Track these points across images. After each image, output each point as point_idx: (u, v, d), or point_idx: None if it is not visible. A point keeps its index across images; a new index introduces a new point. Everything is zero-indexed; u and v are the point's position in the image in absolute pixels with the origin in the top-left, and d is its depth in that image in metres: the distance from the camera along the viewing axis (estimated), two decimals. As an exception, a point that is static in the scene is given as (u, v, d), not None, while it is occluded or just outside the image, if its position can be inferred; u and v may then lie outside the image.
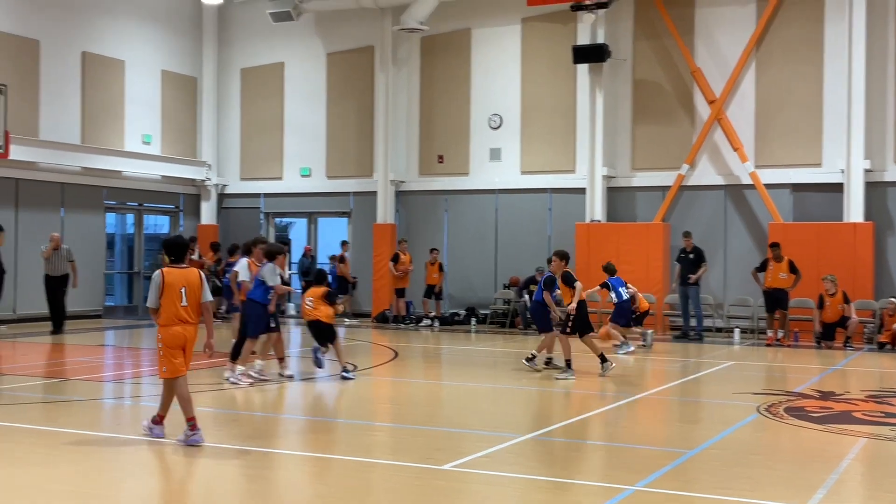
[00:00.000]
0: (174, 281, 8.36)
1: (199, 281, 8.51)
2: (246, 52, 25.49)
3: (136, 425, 9.01)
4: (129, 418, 10.12)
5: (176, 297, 8.33)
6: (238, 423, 9.88)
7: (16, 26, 20.61)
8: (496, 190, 22.52)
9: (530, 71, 22.20)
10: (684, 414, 11.15)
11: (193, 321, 8.43)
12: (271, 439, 9.06)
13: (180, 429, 8.36)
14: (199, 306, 8.48)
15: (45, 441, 8.65)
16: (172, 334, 8.34)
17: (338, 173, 24.41)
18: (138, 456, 8.18)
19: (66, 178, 21.77)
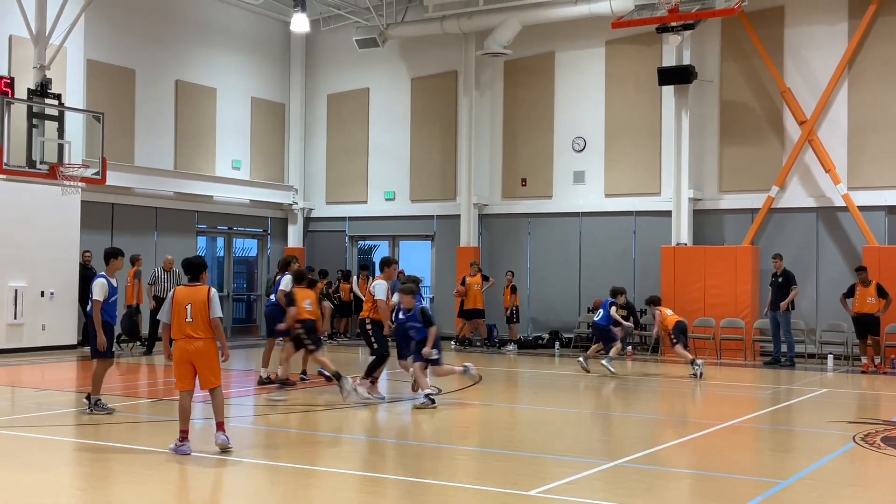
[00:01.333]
0: (182, 298, 8.84)
1: (207, 298, 8.84)
2: (332, 78, 25.95)
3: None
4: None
5: (182, 313, 8.77)
6: (322, 444, 9.97)
7: (113, 56, 21.37)
8: (580, 213, 22.39)
9: (614, 93, 22.08)
10: (776, 443, 10.86)
11: (200, 336, 8.79)
12: (355, 462, 9.12)
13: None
14: (207, 322, 8.80)
15: (140, 459, 8.87)
16: (177, 349, 8.84)
17: (421, 197, 24.60)
18: (232, 473, 8.31)
19: (160, 203, 22.42)
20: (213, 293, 8.93)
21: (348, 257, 25.81)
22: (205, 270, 9.24)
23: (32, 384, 14.38)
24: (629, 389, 15.34)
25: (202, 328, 8.80)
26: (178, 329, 8.82)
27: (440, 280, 24.27)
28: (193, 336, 8.78)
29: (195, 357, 8.81)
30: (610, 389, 15.30)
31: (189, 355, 8.81)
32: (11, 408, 12.25)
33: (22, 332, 18.45)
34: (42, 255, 18.52)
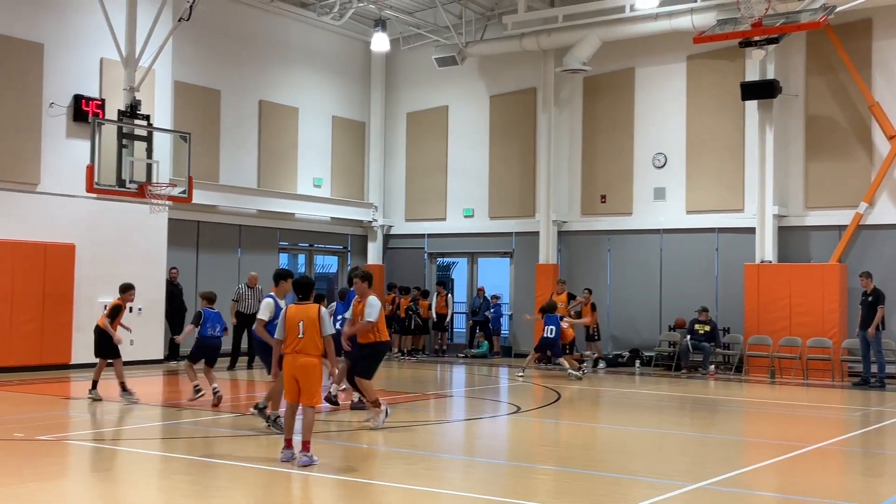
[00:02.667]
0: (293, 315, 9.23)
1: (318, 316, 9.17)
2: (412, 96, 26.19)
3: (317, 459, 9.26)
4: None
5: (294, 330, 9.13)
6: (405, 460, 10.00)
7: (199, 78, 21.93)
8: (661, 230, 22.13)
9: (696, 108, 21.80)
10: (867, 466, 10.52)
11: (309, 353, 9.11)
12: (431, 479, 9.12)
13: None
14: (318, 340, 9.14)
15: (230, 473, 9.02)
16: (285, 363, 9.20)
17: (500, 214, 24.61)
18: (311, 485, 8.40)
19: (243, 221, 22.87)
20: (323, 311, 9.28)
21: (427, 274, 25.93)
22: (314, 289, 9.66)
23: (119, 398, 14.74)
24: (712, 409, 15.05)
25: (312, 345, 9.13)
26: (290, 345, 9.17)
27: (519, 297, 24.20)
28: (302, 352, 9.10)
29: (300, 372, 9.10)
30: (693, 409, 15.03)
31: (295, 370, 9.11)
32: (103, 421, 12.58)
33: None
34: (131, 271, 18.96)
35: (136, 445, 10.67)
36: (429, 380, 19.12)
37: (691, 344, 20.03)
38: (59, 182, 18.31)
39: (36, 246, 17.95)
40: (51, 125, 18.33)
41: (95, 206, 18.75)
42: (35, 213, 18.06)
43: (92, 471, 9.24)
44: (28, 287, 17.80)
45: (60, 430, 11.50)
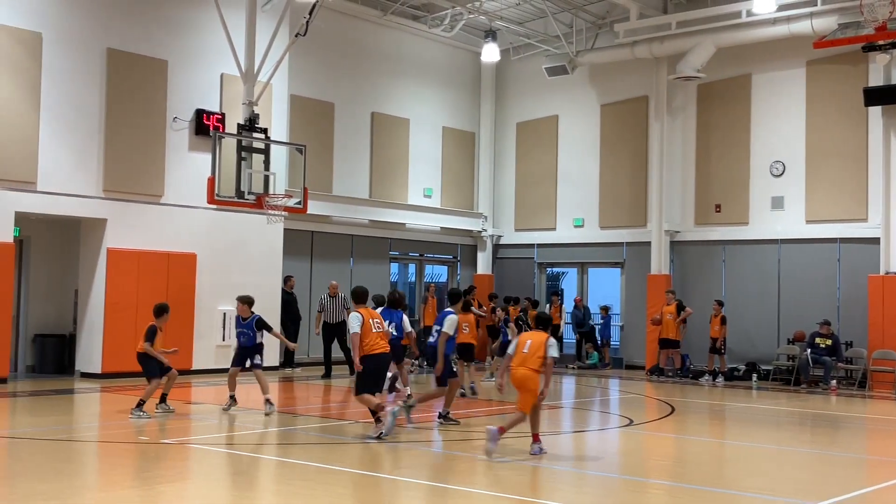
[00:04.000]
0: (524, 337, 10.53)
1: (545, 343, 10.31)
2: (521, 106, 26.19)
3: (410, 467, 9.32)
4: (409, 460, 10.51)
5: (522, 346, 10.39)
6: (515, 471, 9.97)
7: (314, 91, 22.43)
8: (778, 240, 21.50)
9: (816, 115, 21.14)
10: None
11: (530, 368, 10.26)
12: (542, 490, 9.07)
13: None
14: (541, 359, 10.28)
15: (330, 479, 9.18)
16: (512, 376, 10.47)
17: (610, 224, 24.34)
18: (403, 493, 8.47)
19: (356, 231, 23.26)
20: (551, 341, 10.40)
21: (536, 284, 25.84)
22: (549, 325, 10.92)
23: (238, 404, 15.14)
24: (834, 426, 14.54)
25: (534, 362, 10.26)
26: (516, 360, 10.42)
27: (630, 308, 23.89)
28: (523, 366, 10.31)
29: (521, 383, 10.33)
30: (813, 425, 14.56)
31: (518, 381, 10.37)
32: (219, 426, 12.95)
33: (229, 353, 19.45)
34: (248, 280, 19.50)
35: (254, 450, 10.96)
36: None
37: (812, 358, 19.39)
38: (181, 194, 18.99)
39: (160, 255, 18.65)
40: (174, 139, 19.04)
41: (215, 217, 19.37)
42: (159, 223, 18.76)
43: (214, 474, 9.53)
44: (152, 294, 18.42)
45: (182, 434, 11.90)
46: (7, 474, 9.25)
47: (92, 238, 18.32)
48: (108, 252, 18.02)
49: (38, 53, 17.12)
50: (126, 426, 12.32)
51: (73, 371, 18.41)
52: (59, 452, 10.39)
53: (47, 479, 8.75)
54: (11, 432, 11.73)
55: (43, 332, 19.03)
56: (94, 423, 13.32)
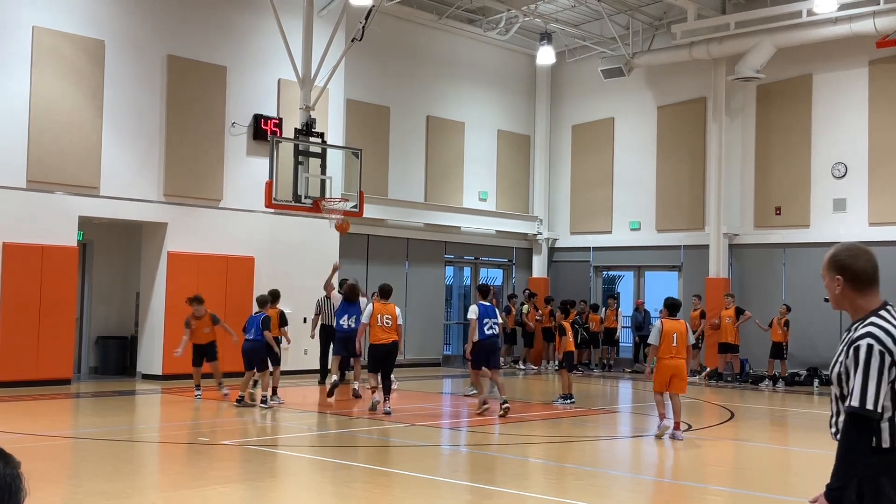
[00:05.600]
0: (669, 329, 12.19)
1: (686, 329, 12.38)
2: (577, 108, 26.05)
3: (459, 471, 9.30)
4: (463, 464, 10.50)
5: (669, 339, 12.16)
6: (573, 475, 9.92)
7: (370, 95, 22.57)
8: (841, 243, 21.05)
9: (879, 116, 20.69)
10: None
11: (680, 357, 12.23)
12: (598, 496, 9.00)
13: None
14: (684, 348, 12.27)
15: (384, 481, 9.21)
16: (664, 366, 12.15)
17: (667, 226, 24.09)
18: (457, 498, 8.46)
19: (411, 234, 23.33)
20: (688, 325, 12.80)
21: (592, 287, 25.67)
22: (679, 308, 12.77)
23: (295, 406, 15.28)
24: None
25: (682, 352, 12.25)
26: (666, 351, 12.18)
27: (688, 312, 23.52)
28: (676, 357, 12.17)
29: (674, 371, 12.16)
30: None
31: (670, 370, 12.16)
32: (278, 427, 13.08)
33: (286, 355, 19.65)
34: (305, 284, 19.71)
35: (311, 452, 11.04)
36: (595, 394, 18.90)
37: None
38: (239, 198, 19.23)
39: (219, 258, 18.90)
40: (232, 143, 19.30)
41: (273, 221, 19.58)
42: (218, 227, 19.02)
43: (270, 475, 9.62)
44: (211, 298, 18.69)
45: (240, 436, 12.03)
46: (70, 473, 9.44)
47: (153, 241, 18.64)
48: (168, 255, 18.33)
49: (100, 60, 17.47)
50: (185, 427, 12.50)
51: (134, 372, 18.74)
52: (121, 453, 10.58)
53: (110, 479, 8.91)
54: (75, 432, 11.97)
55: (105, 335, 19.41)
56: (156, 424, 13.54)
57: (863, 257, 3.95)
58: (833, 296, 4.01)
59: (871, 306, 3.90)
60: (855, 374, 3.78)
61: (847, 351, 3.87)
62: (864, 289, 3.92)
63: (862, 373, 3.75)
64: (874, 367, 3.73)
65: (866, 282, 3.92)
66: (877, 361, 3.73)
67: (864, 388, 3.73)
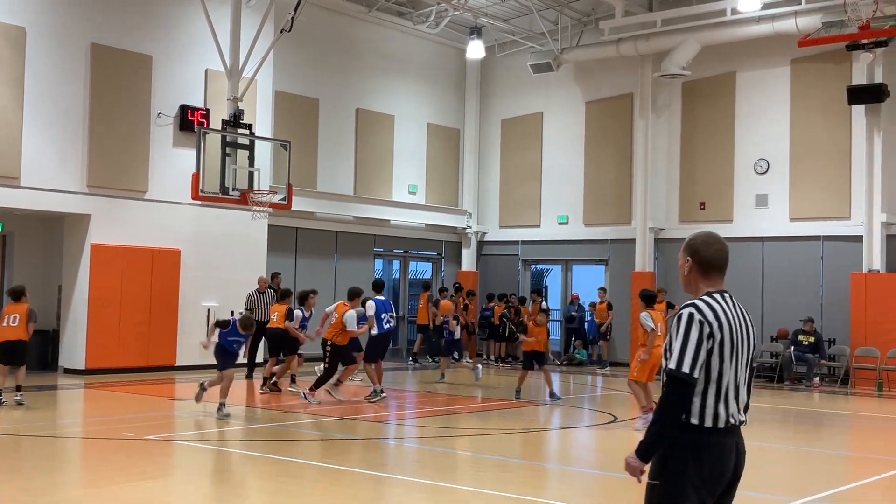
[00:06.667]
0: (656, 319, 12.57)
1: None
2: (506, 103, 26.20)
3: (403, 465, 9.31)
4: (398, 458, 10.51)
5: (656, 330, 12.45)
6: (500, 468, 9.99)
7: (299, 87, 22.37)
8: (762, 237, 21.60)
9: (800, 113, 21.24)
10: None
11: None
12: (526, 488, 9.09)
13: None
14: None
15: (315, 475, 9.17)
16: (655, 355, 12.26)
17: (595, 220, 24.40)
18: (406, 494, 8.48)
19: (340, 227, 23.22)
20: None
21: (521, 281, 25.87)
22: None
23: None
24: (817, 423, 14.63)
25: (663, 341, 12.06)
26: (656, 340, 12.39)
27: (614, 305, 23.93)
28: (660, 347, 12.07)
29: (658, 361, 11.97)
30: (796, 422, 14.65)
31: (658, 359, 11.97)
32: (203, 422, 12.92)
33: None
34: (232, 277, 19.51)
35: (238, 447, 10.93)
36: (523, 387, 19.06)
37: (795, 355, 19.51)
38: (165, 189, 18.91)
39: (144, 251, 18.56)
40: (158, 134, 18.95)
41: (200, 213, 19.29)
42: (143, 219, 18.68)
43: (196, 471, 9.50)
44: (136, 291, 18.41)
45: (167, 430, 11.86)
46: (-10, 471, 9.19)
47: (76, 234, 18.23)
48: (91, 248, 17.94)
49: (21, 48, 17.00)
50: (109, 422, 12.26)
51: (56, 367, 18.32)
52: (42, 449, 10.33)
53: (29, 476, 8.69)
54: (-6, 429, 11.65)
55: (25, 329, 18.90)
56: (78, 420, 13.26)
57: (714, 246, 4.31)
58: (682, 275, 4.35)
59: (710, 290, 4.23)
60: (675, 339, 4.07)
61: (672, 321, 4.19)
62: (708, 274, 4.28)
63: (682, 338, 4.05)
64: (693, 334, 4.04)
65: (711, 268, 4.28)
66: (696, 329, 4.05)
67: (681, 352, 4.03)
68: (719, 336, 4.08)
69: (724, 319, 4.12)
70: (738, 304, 4.27)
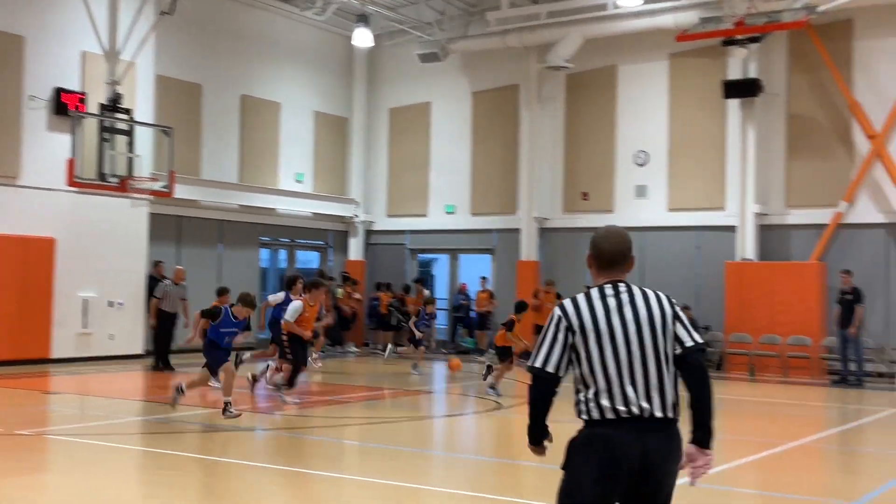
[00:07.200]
0: None
1: None
2: (394, 92, 26.14)
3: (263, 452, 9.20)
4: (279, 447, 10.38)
5: None
6: (386, 456, 9.99)
7: (181, 72, 21.79)
8: (642, 227, 22.14)
9: (678, 107, 21.88)
10: (844, 464, 10.62)
11: None
12: (413, 475, 9.12)
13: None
14: None
15: (192, 467, 8.99)
16: None
17: (482, 210, 24.61)
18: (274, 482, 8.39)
19: (225, 216, 22.77)
20: None
21: (408, 270, 25.90)
22: None
23: (100, 393, 14.67)
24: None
25: None
26: None
27: (500, 294, 24.19)
28: None
29: None
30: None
31: None
32: (80, 416, 12.51)
33: (90, 341, 18.86)
34: (111, 266, 18.92)
35: (114, 440, 10.62)
36: (409, 375, 19.11)
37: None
38: (39, 175, 18.14)
39: (15, 239, 17.78)
40: (31, 118, 18.16)
41: (77, 201, 18.57)
42: (15, 206, 17.89)
43: (70, 465, 9.19)
44: (7, 281, 17.66)
45: (39, 425, 11.43)
46: None
47: (-60, 221, 17.36)
48: (-42, 236, 17.11)
49: None
50: (-22, 419, 11.73)
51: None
52: None
53: None
54: None
55: None
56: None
57: (610, 240, 4.36)
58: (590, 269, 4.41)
59: (603, 282, 4.31)
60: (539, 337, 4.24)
61: None
62: (603, 267, 4.34)
63: (541, 336, 4.22)
64: (550, 331, 4.19)
65: (605, 261, 4.33)
66: (553, 326, 4.19)
67: (537, 349, 4.21)
68: (579, 328, 4.12)
69: (588, 311, 4.14)
70: (635, 292, 4.25)
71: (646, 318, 4.18)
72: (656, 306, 4.23)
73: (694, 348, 4.24)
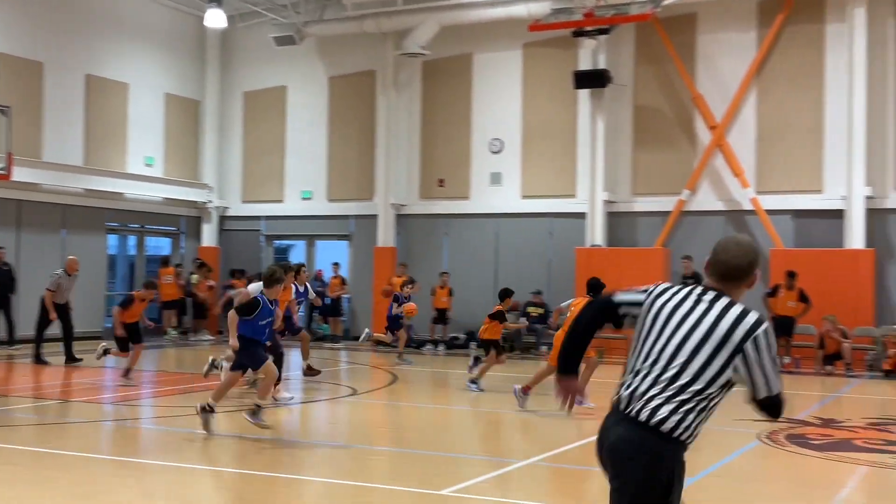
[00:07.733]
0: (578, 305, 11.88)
1: None
2: (248, 75, 25.62)
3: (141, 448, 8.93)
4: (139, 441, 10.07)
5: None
6: (241, 443, 9.82)
7: (19, 48, 20.72)
8: (496, 214, 22.53)
9: (531, 96, 22.30)
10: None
11: None
12: (267, 463, 9.01)
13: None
14: None
15: (43, 463, 8.63)
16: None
17: (338, 196, 24.46)
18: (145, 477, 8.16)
19: (69, 200, 21.81)
20: None
21: (264, 257, 25.49)
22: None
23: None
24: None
25: None
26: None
27: (357, 280, 24.14)
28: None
29: None
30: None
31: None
32: None
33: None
34: (-58, 252, 17.86)
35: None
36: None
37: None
38: None
39: None
40: None
41: None
42: None
43: None
44: None
45: None
46: None
47: None
48: None
49: None
50: None
51: None
52: None
53: None
54: None
55: None
56: None
57: (729, 251, 4.17)
58: None
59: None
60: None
61: None
62: (714, 279, 4.14)
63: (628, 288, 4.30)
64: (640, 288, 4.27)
65: (717, 273, 4.13)
66: (642, 289, 4.20)
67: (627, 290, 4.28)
68: (649, 305, 4.06)
69: (664, 299, 4.04)
70: (717, 305, 4.01)
71: (701, 332, 3.93)
72: (725, 327, 3.93)
73: (764, 402, 4.21)
